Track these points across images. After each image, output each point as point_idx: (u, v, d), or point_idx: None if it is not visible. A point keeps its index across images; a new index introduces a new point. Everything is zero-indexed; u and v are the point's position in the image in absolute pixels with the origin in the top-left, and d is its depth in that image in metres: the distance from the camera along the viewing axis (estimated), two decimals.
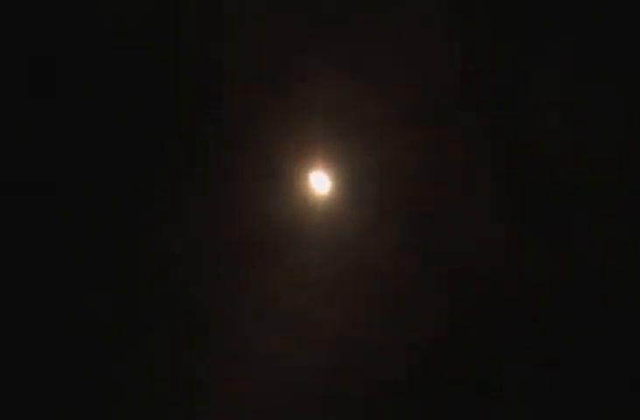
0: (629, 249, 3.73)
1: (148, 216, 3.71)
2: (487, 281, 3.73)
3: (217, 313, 3.71)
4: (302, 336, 3.71)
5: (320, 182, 3.72)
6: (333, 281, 3.73)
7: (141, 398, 3.63)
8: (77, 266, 3.64)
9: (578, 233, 3.72)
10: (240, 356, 3.71)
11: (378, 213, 3.71)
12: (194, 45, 3.64)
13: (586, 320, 3.71)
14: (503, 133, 3.71)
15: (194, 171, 3.72)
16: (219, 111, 3.68)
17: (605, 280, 3.71)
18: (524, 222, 3.76)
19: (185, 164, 3.73)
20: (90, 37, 3.63)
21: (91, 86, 3.66)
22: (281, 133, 3.65)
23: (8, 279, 3.58)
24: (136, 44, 3.63)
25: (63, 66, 3.65)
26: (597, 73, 3.63)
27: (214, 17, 3.64)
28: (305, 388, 3.69)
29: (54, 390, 3.58)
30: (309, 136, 3.68)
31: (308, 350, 3.71)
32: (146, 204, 3.71)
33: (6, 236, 3.60)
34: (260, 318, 3.72)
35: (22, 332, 3.57)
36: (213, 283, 3.72)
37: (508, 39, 3.66)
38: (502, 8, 3.64)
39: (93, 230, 3.67)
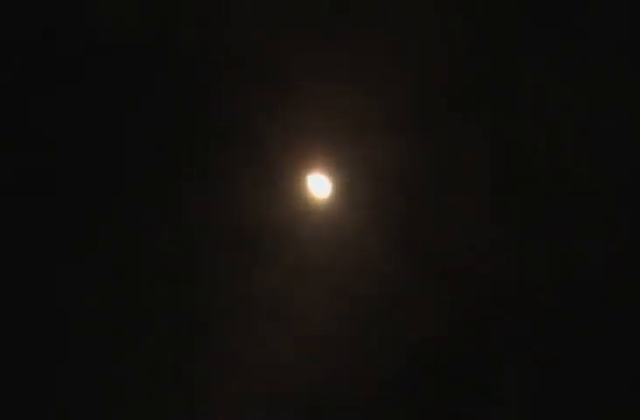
0: (628, 249, 3.73)
1: (148, 216, 3.71)
2: (487, 281, 3.73)
3: (217, 313, 3.72)
4: (299, 336, 3.71)
5: (319, 184, 3.71)
6: (332, 282, 3.73)
7: (141, 398, 3.64)
8: (77, 266, 3.64)
9: (578, 233, 3.72)
10: (240, 356, 3.71)
11: (377, 215, 3.71)
12: (194, 45, 3.64)
13: (586, 320, 3.71)
14: (503, 133, 3.71)
15: (194, 171, 3.72)
16: (218, 111, 3.68)
17: (605, 280, 3.71)
18: (524, 222, 3.75)
19: (186, 164, 3.73)
20: (90, 37, 3.63)
21: (91, 86, 3.66)
22: (280, 134, 3.65)
23: (8, 279, 3.59)
24: (136, 44, 3.63)
25: (63, 66, 3.65)
26: (597, 73, 3.63)
27: (214, 17, 3.64)
28: (305, 388, 3.70)
29: (54, 390, 3.58)
30: (308, 138, 3.68)
31: (306, 350, 3.71)
32: (146, 204, 3.71)
33: (6, 236, 3.60)
34: (259, 318, 3.72)
35: (22, 332, 3.57)
36: (213, 282, 3.72)
37: (508, 39, 3.65)
38: (502, 8, 3.64)
39: (93, 230, 3.67)
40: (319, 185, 3.72)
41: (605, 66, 3.62)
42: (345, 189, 3.71)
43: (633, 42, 3.61)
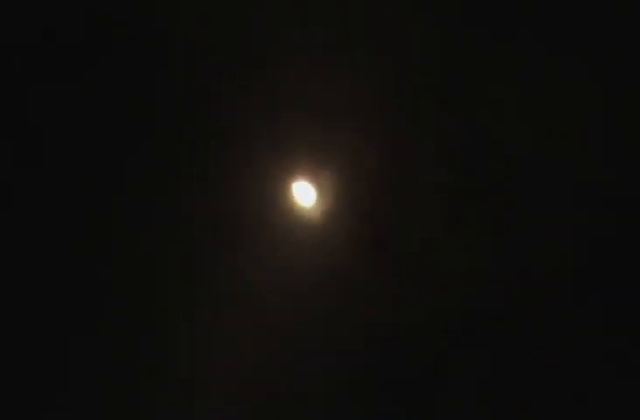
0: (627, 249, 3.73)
1: (148, 216, 3.72)
2: (486, 281, 3.73)
3: (217, 313, 3.72)
4: (298, 335, 3.73)
5: (304, 192, 3.71)
6: (322, 282, 3.74)
7: (141, 398, 3.64)
8: (77, 266, 3.64)
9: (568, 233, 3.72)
10: (241, 357, 3.72)
11: (364, 222, 3.71)
12: (194, 44, 3.64)
13: (586, 320, 3.71)
14: (502, 134, 3.70)
15: (194, 171, 3.72)
16: (218, 111, 3.68)
17: (605, 279, 3.71)
18: (516, 223, 3.75)
19: (186, 164, 3.73)
20: (90, 36, 3.63)
21: (91, 85, 3.66)
22: (278, 134, 3.66)
23: (8, 279, 3.59)
24: (136, 43, 3.63)
25: (63, 66, 3.65)
26: (596, 73, 3.63)
27: (214, 17, 3.64)
28: (304, 387, 3.71)
29: (54, 390, 3.59)
30: (308, 138, 3.68)
31: (305, 349, 3.73)
32: (146, 204, 3.72)
33: (6, 236, 3.61)
34: (258, 319, 3.73)
35: (22, 332, 3.58)
36: (214, 282, 3.73)
37: (506, 38, 3.65)
38: (501, 7, 3.64)
39: (93, 230, 3.67)
40: (308, 190, 3.72)
41: (605, 66, 3.62)
42: (332, 197, 3.71)
43: (633, 42, 3.60)
